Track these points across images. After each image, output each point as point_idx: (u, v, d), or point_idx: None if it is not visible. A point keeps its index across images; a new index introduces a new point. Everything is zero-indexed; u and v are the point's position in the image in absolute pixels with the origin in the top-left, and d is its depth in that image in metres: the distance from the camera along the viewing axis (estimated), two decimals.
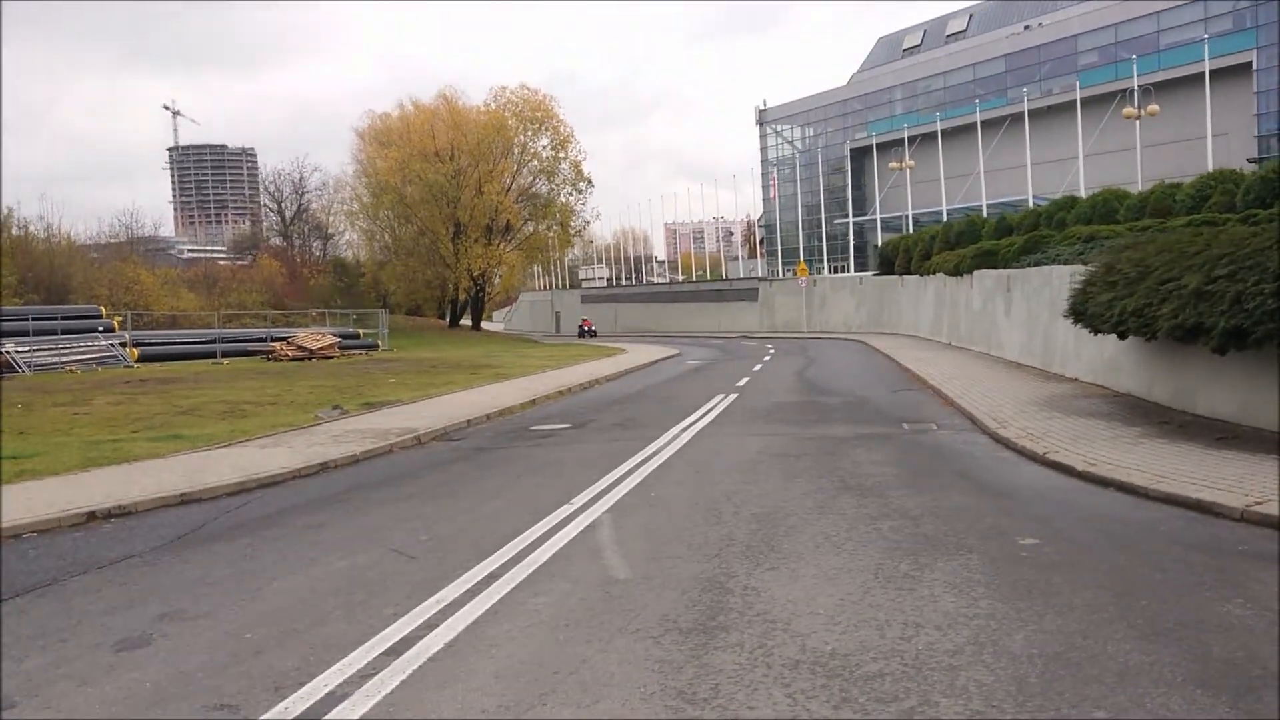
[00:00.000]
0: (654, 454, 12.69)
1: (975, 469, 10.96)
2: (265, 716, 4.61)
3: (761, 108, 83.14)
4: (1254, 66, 49.87)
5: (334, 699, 4.77)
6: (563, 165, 62.21)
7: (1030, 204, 42.75)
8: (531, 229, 64.64)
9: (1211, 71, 45.10)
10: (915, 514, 8.53)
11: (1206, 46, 45.73)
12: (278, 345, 41.42)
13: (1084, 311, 14.69)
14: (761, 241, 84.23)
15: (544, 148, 61.87)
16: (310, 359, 39.28)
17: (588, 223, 68.71)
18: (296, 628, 5.97)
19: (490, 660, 5.26)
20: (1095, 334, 14.78)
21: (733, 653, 5.21)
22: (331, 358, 40.44)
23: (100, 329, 39.13)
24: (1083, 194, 35.21)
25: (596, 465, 11.91)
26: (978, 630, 5.44)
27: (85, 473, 12.40)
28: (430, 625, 5.88)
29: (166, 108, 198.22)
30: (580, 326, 70.78)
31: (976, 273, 29.49)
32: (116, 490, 11.02)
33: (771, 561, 7.09)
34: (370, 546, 8.17)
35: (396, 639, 5.64)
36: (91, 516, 9.94)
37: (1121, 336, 13.79)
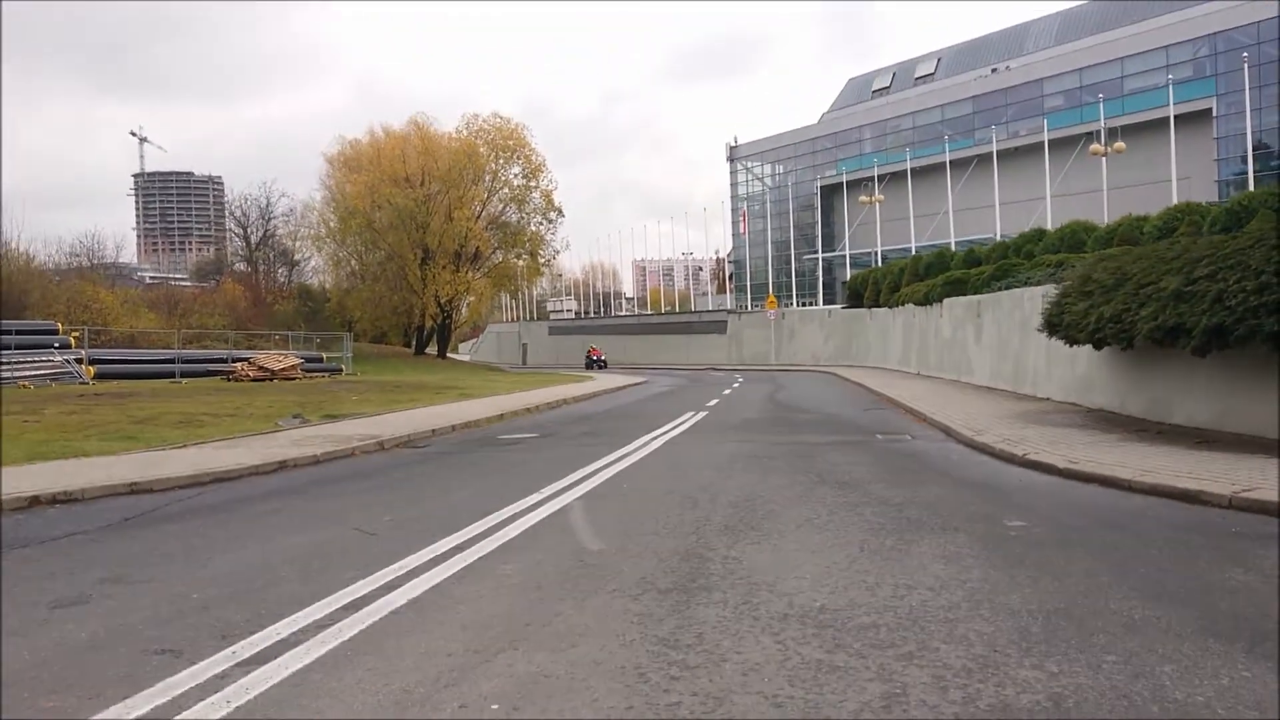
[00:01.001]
0: (625, 456, 12.36)
1: (954, 469, 10.73)
2: (209, 659, 4.23)
3: (733, 144, 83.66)
4: (1214, 113, 50.91)
5: (286, 644, 4.41)
6: (534, 194, 62.01)
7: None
8: (501, 257, 64.18)
9: (1175, 116, 45.95)
10: (897, 502, 8.27)
11: (1170, 92, 46.62)
12: (239, 366, 40.61)
13: (1059, 323, 14.61)
14: (731, 277, 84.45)
15: (515, 176, 61.68)
16: (272, 379, 38.54)
17: (557, 252, 68.33)
18: (248, 589, 5.58)
19: (456, 614, 4.91)
20: (1071, 345, 14.70)
21: (716, 608, 4.90)
22: (294, 379, 39.72)
23: (56, 345, 38.20)
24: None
25: (567, 464, 11.55)
26: (972, 591, 5.17)
27: (31, 465, 11.87)
28: (392, 586, 5.51)
29: (134, 134, 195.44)
30: (588, 356, 64.29)
31: (946, 301, 29.55)
32: (63, 479, 10.52)
33: (752, 538, 6.79)
34: (329, 526, 7.77)
35: (356, 596, 5.27)
36: (35, 501, 9.44)
37: (1098, 346, 13.70)
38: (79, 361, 37.27)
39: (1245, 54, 45.02)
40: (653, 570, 5.78)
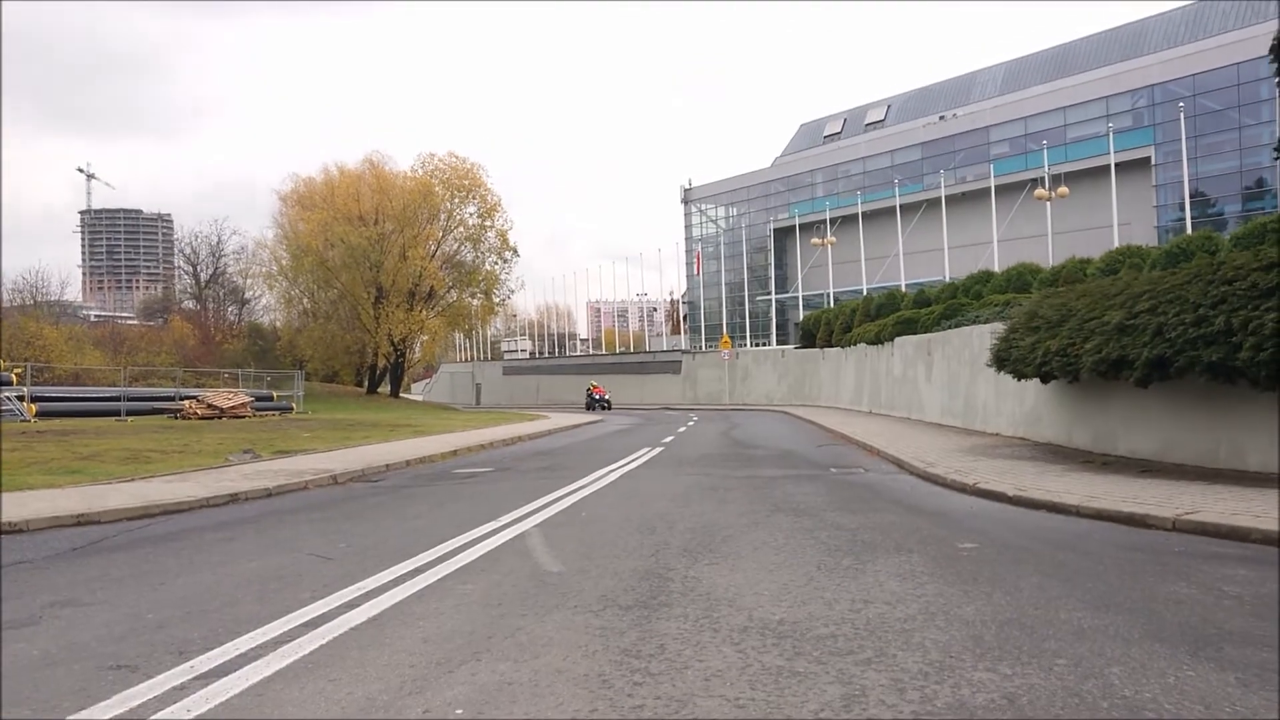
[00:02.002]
0: (583, 487, 12.37)
1: (907, 498, 10.88)
2: (167, 673, 4.19)
3: (687, 187, 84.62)
4: (1153, 161, 52.56)
5: (246, 659, 4.38)
6: (489, 233, 62.06)
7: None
8: (455, 296, 64.01)
9: (1116, 164, 47.36)
10: (851, 527, 8.38)
11: (1111, 140, 48.06)
12: (187, 403, 39.95)
13: (1007, 358, 14.93)
14: (685, 318, 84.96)
15: (471, 215, 61.76)
16: (221, 417, 37.97)
17: (512, 292, 68.34)
18: (204, 609, 5.52)
19: (418, 629, 4.90)
20: (1019, 379, 15.02)
21: (677, 622, 4.94)
22: (244, 416, 39.17)
23: None
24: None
25: (523, 495, 11.53)
26: (927, 604, 5.27)
27: None
28: (352, 605, 5.49)
29: (81, 170, 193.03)
30: (589, 394, 57.03)
31: (897, 340, 30.00)
32: (7, 512, 10.27)
33: (710, 559, 6.85)
34: (285, 552, 7.69)
35: (316, 614, 5.25)
36: None
37: (1045, 380, 14.02)
38: (21, 399, 36.44)
39: (1181, 105, 46.61)
40: (613, 588, 5.81)
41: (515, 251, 63.62)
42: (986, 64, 71.26)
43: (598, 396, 56.38)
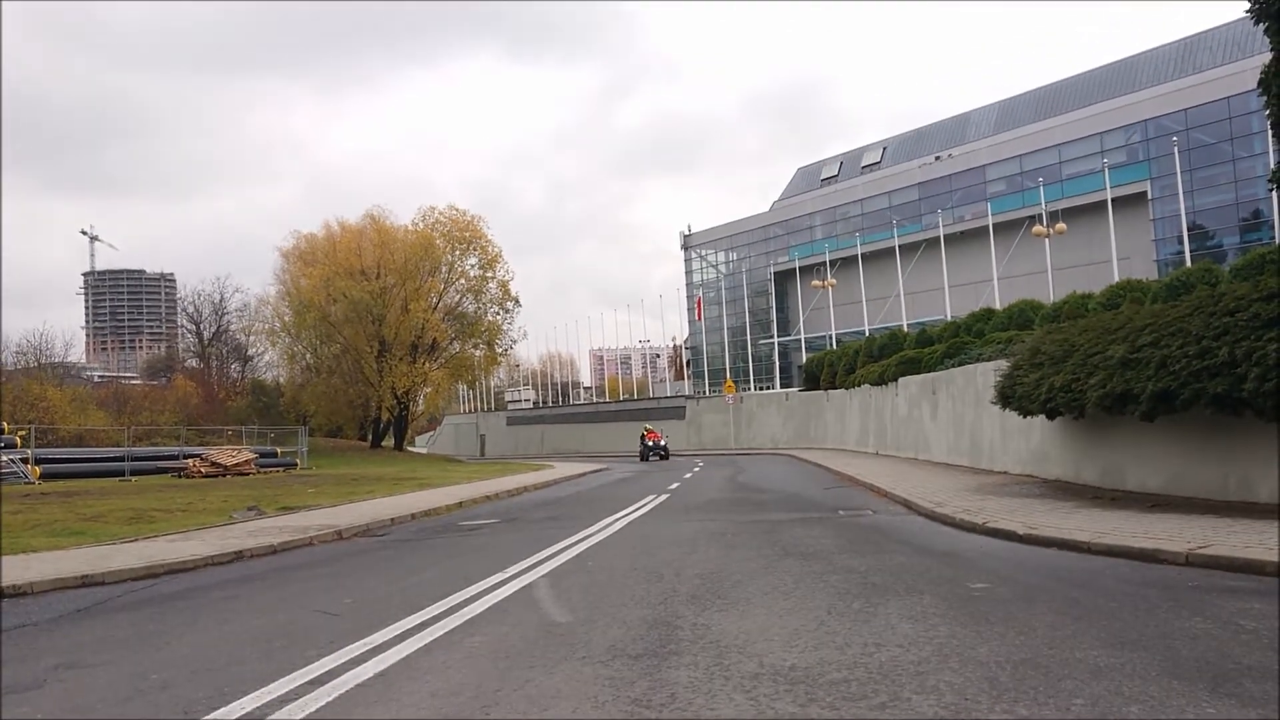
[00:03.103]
0: (588, 537, 12.29)
1: (916, 538, 10.80)
2: None
3: (686, 233, 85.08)
4: (1149, 196, 52.85)
5: (250, 719, 4.31)
6: (490, 284, 62.40)
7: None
8: (458, 348, 64.19)
9: (1112, 200, 47.61)
10: (861, 570, 8.30)
11: (1107, 176, 48.37)
12: (190, 462, 39.87)
13: (1012, 395, 14.90)
14: (688, 363, 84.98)
15: (472, 266, 62.16)
16: (225, 475, 37.87)
17: (515, 342, 68.55)
18: (209, 668, 5.46)
19: (426, 684, 4.84)
20: (1024, 416, 14.97)
21: (688, 670, 4.88)
22: (248, 474, 39.08)
23: (1, 444, 37.32)
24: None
25: (530, 546, 11.45)
26: (940, 646, 5.20)
27: None
28: (358, 661, 5.42)
29: (84, 232, 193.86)
30: (643, 442, 46.92)
31: (901, 380, 29.97)
32: (11, 574, 10.22)
33: (719, 606, 6.78)
34: (290, 609, 7.63)
35: (321, 671, 5.18)
36: None
37: (1050, 416, 13.97)
38: (25, 461, 36.41)
39: (1175, 139, 46.97)
40: (622, 638, 5.75)
41: (517, 301, 63.95)
42: (980, 104, 71.99)
43: (652, 444, 46.59)
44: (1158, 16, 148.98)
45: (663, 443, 46.83)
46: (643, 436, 47.79)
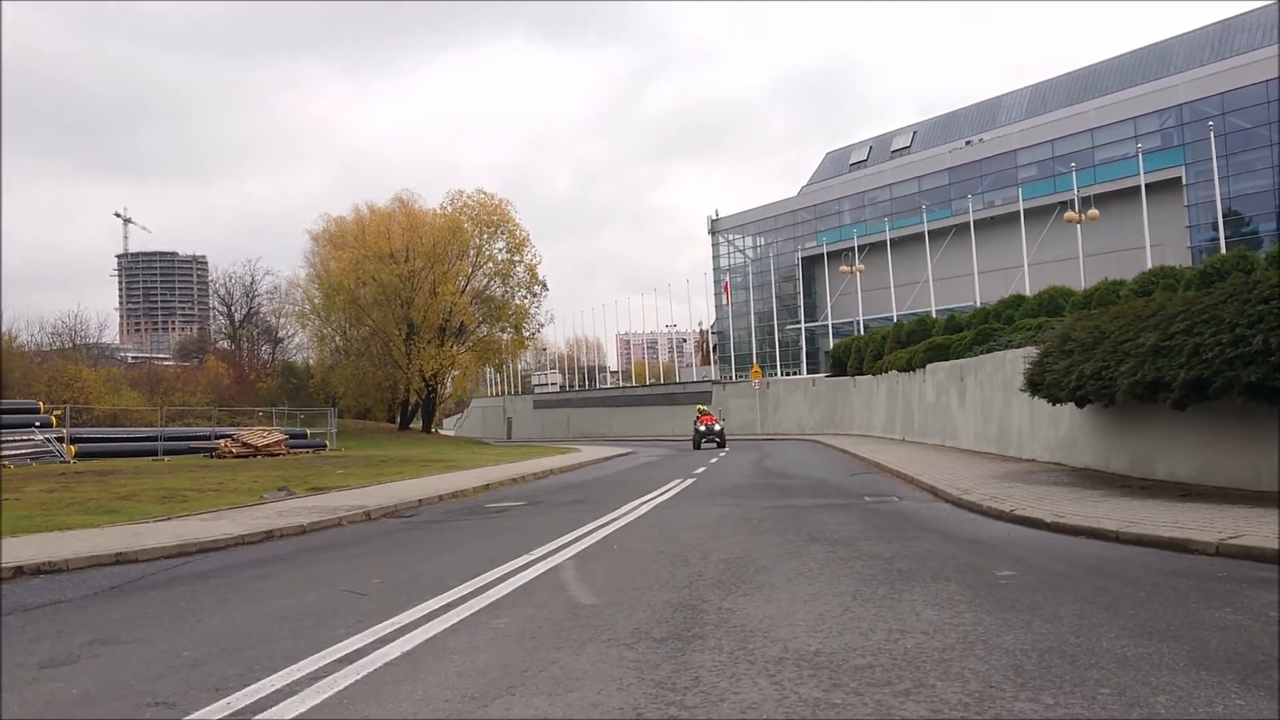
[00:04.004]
0: (615, 520, 12.34)
1: (942, 525, 10.76)
2: (204, 710, 4.20)
3: (714, 217, 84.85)
4: (1184, 181, 52.09)
5: (280, 695, 4.38)
6: (518, 268, 62.56)
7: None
8: (485, 331, 64.45)
9: (1146, 185, 46.96)
10: (887, 556, 8.29)
11: (1140, 161, 47.69)
12: (222, 442, 40.36)
13: (1041, 382, 14.78)
14: (715, 348, 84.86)
15: (499, 250, 62.32)
16: (256, 455, 38.30)
17: (542, 326, 68.68)
18: (240, 646, 5.54)
19: (452, 665, 4.89)
20: (1053, 403, 14.85)
21: (712, 654, 4.90)
22: (278, 454, 39.49)
23: (37, 424, 37.88)
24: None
25: (555, 529, 11.51)
26: (965, 633, 5.19)
27: (14, 538, 11.73)
28: (385, 640, 5.49)
29: (118, 215, 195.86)
30: (696, 426, 40.20)
31: (929, 366, 29.79)
32: (47, 551, 10.42)
33: (745, 590, 6.79)
34: (319, 589, 7.72)
35: (349, 650, 5.25)
36: (19, 571, 9.33)
37: (1080, 404, 13.86)
38: (60, 440, 36.97)
39: (1210, 124, 46.22)
40: (646, 621, 5.78)
41: (544, 285, 64.04)
42: (1011, 88, 71.07)
43: (706, 428, 39.60)
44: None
45: (718, 427, 39.63)
46: (696, 420, 40.86)
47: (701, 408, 43.24)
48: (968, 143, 65.78)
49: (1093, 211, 43.41)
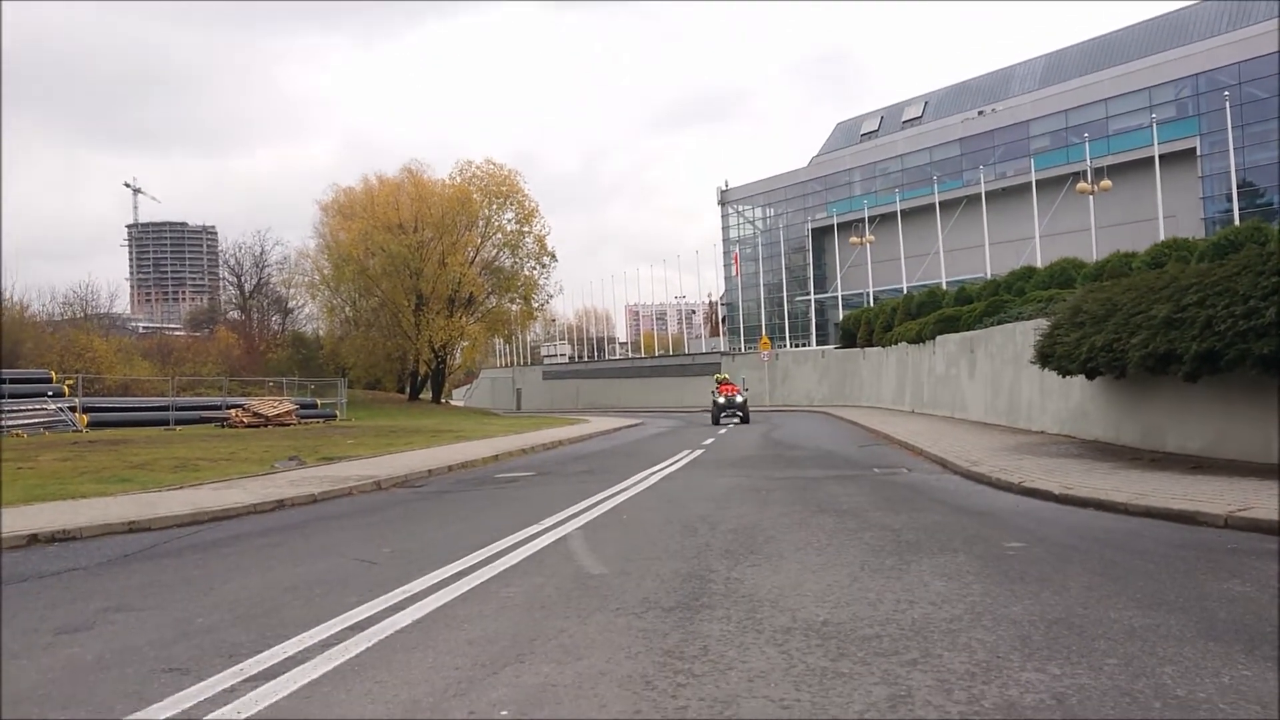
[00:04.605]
0: (624, 490, 12.38)
1: (951, 497, 10.78)
2: (217, 675, 4.25)
3: (723, 188, 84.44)
4: (1198, 152, 51.61)
5: (294, 661, 4.43)
6: (527, 239, 62.41)
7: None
8: (494, 302, 64.46)
9: (1160, 156, 46.54)
10: (895, 527, 8.31)
11: (1154, 132, 47.25)
12: (233, 412, 40.56)
13: (1052, 354, 14.73)
14: (724, 319, 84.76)
15: (508, 221, 62.18)
16: (266, 425, 38.50)
17: (551, 297, 68.65)
18: (252, 614, 5.60)
19: (462, 632, 4.93)
20: (1064, 375, 14.81)
21: (720, 623, 4.93)
22: (288, 424, 39.69)
23: (50, 393, 38.11)
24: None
25: (565, 499, 11.56)
26: (973, 604, 5.21)
27: (28, 506, 11.84)
28: (396, 609, 5.53)
29: (127, 185, 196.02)
30: (715, 397, 36.03)
31: (939, 338, 29.72)
32: (61, 519, 10.51)
33: (753, 560, 6.82)
34: (330, 557, 7.78)
35: (361, 618, 5.30)
36: (34, 539, 9.43)
37: (1090, 376, 13.82)
38: (72, 409, 37.19)
39: (1227, 94, 45.75)
40: (655, 590, 5.81)
41: (553, 256, 63.92)
42: (1024, 58, 70.28)
43: (726, 399, 35.29)
44: None
45: (739, 399, 35.33)
46: (714, 391, 36.82)
47: (721, 377, 39.34)
48: (980, 113, 65.22)
49: (1105, 182, 43.09)
